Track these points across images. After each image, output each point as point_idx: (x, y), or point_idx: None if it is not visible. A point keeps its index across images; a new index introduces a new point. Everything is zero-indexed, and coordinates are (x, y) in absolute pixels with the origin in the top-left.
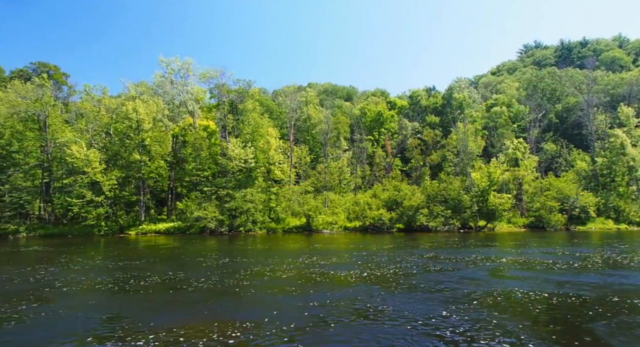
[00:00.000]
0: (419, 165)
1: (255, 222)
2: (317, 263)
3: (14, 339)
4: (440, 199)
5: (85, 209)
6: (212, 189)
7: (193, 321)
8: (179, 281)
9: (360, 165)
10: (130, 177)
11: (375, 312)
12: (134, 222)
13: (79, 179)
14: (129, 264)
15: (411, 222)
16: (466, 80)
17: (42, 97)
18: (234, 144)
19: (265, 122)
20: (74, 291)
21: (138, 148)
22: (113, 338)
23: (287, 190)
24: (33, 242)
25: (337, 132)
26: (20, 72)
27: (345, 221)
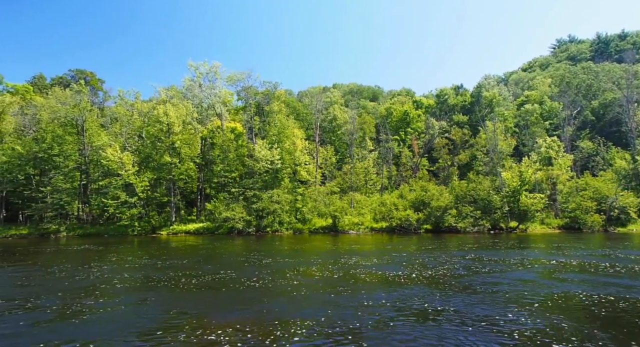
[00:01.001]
0: (447, 165)
1: (282, 223)
2: (360, 264)
3: (89, 332)
4: (469, 200)
5: (119, 209)
6: (240, 190)
7: (254, 319)
8: (231, 280)
9: (387, 165)
10: (162, 179)
11: (435, 313)
12: (165, 222)
13: (113, 181)
14: (175, 263)
15: (439, 223)
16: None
17: (79, 103)
18: (261, 145)
19: (291, 123)
20: (130, 287)
21: (169, 150)
22: (182, 333)
23: (313, 191)
24: (73, 241)
25: (363, 132)
26: (60, 80)
27: (372, 221)
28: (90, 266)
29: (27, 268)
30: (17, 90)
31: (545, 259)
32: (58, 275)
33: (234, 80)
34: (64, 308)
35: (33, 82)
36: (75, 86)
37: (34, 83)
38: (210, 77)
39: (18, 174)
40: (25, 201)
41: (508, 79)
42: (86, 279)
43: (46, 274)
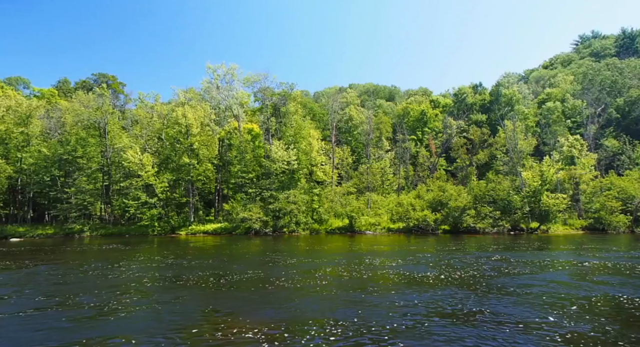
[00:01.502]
0: (465, 165)
1: (298, 223)
2: (385, 264)
3: (128, 328)
4: (488, 200)
5: (140, 210)
6: (257, 190)
7: (289, 318)
8: (259, 279)
9: (403, 165)
10: (180, 180)
11: (471, 314)
12: (184, 222)
13: (134, 182)
14: (201, 262)
15: (457, 224)
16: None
17: (102, 106)
18: (277, 146)
19: (307, 124)
20: (162, 286)
21: (187, 152)
22: (218, 332)
23: (330, 191)
24: (97, 241)
25: (379, 132)
26: (83, 83)
27: (389, 222)
28: (120, 265)
29: (60, 267)
30: (43, 94)
31: (575, 260)
32: (91, 273)
33: (251, 82)
34: (102, 305)
35: (58, 86)
36: (98, 90)
37: (59, 87)
38: (228, 79)
39: (44, 175)
40: (51, 202)
41: (528, 76)
42: (118, 278)
43: (80, 272)
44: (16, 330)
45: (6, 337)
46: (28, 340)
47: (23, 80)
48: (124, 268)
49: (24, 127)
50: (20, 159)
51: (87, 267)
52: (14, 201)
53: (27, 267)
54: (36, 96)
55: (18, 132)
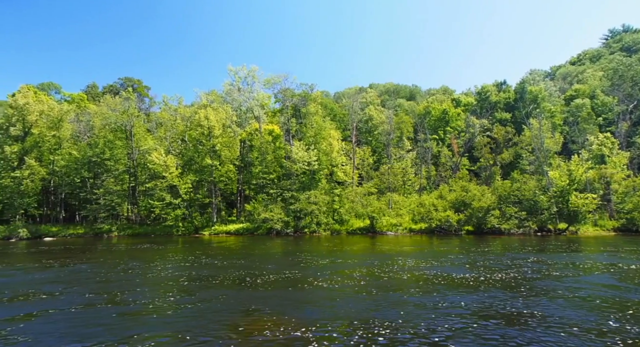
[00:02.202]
0: (489, 164)
1: (319, 224)
2: (420, 266)
3: (176, 325)
4: (513, 200)
5: (165, 210)
6: (278, 191)
7: (334, 318)
8: (296, 279)
9: (425, 165)
10: (203, 181)
11: (522, 317)
12: (207, 223)
13: (159, 183)
14: (233, 262)
15: (481, 225)
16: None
17: (128, 109)
18: (298, 147)
19: (328, 124)
20: (201, 285)
21: (209, 153)
22: (266, 330)
23: (350, 191)
24: (124, 240)
25: (400, 132)
26: (110, 88)
27: (410, 222)
28: (155, 264)
29: (101, 265)
30: (73, 99)
31: (618, 262)
32: (131, 272)
33: (271, 84)
34: (148, 303)
35: (87, 90)
36: (124, 93)
37: (88, 92)
38: (249, 81)
39: (75, 177)
40: (81, 202)
41: (555, 73)
42: (157, 276)
43: (120, 271)
44: (69, 326)
45: (62, 333)
46: (81, 335)
47: (55, 86)
48: (160, 267)
49: (56, 131)
50: (53, 161)
51: (125, 265)
52: (47, 202)
53: (68, 265)
54: (67, 101)
55: (50, 135)
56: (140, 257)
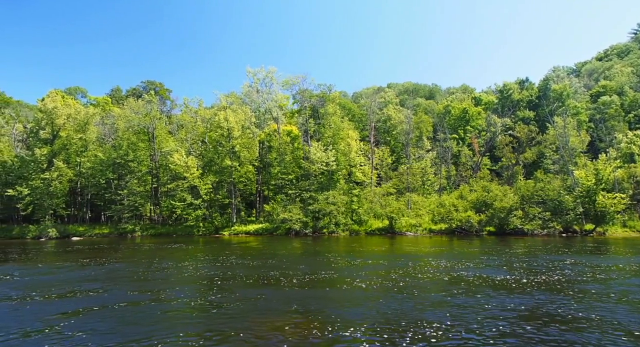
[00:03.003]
0: (511, 164)
1: (338, 224)
2: (455, 267)
3: (226, 323)
4: (536, 200)
5: (186, 211)
6: (296, 191)
7: (380, 318)
8: (333, 279)
9: (445, 165)
10: (223, 182)
11: (577, 321)
12: (227, 223)
13: (180, 184)
14: (265, 262)
15: (503, 225)
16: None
17: (150, 112)
18: (316, 147)
19: (346, 125)
20: (239, 284)
21: (229, 154)
22: (314, 329)
23: (369, 192)
24: (147, 240)
25: (419, 131)
26: (133, 91)
27: (430, 223)
28: (187, 263)
29: (135, 264)
30: (98, 102)
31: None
32: (166, 271)
33: (290, 85)
34: (190, 301)
35: (111, 94)
36: (147, 96)
37: (112, 95)
38: (267, 82)
39: (100, 178)
40: (106, 203)
41: (580, 70)
42: (193, 275)
43: (156, 269)
44: (118, 322)
45: (112, 329)
46: (131, 332)
47: (81, 90)
48: (192, 266)
49: (82, 134)
50: (79, 163)
51: (159, 265)
52: (75, 203)
53: (104, 264)
54: (92, 104)
55: (77, 138)
56: (171, 257)
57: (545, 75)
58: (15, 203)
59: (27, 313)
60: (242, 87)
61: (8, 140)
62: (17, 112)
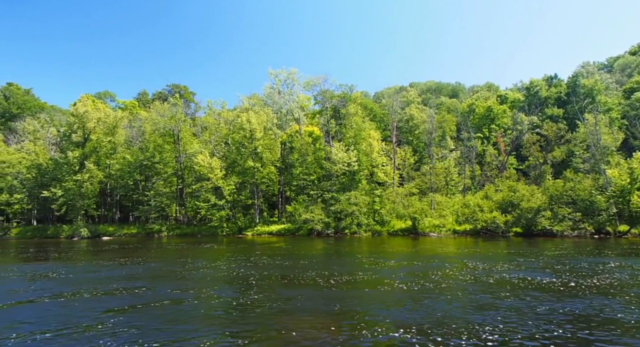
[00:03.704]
0: (538, 163)
1: (360, 225)
2: (495, 269)
3: (273, 322)
4: (566, 200)
5: (210, 211)
6: (318, 192)
7: (429, 319)
8: (372, 280)
9: (469, 165)
10: (246, 183)
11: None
12: (250, 223)
13: (204, 185)
14: (297, 263)
15: (531, 226)
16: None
17: (175, 115)
18: (337, 148)
19: (368, 125)
20: (276, 284)
21: (252, 155)
22: (363, 330)
23: (391, 192)
24: (173, 240)
25: (442, 131)
26: (159, 94)
27: (454, 224)
28: (221, 263)
29: (170, 263)
30: (126, 106)
31: None
32: (202, 270)
33: (311, 86)
34: (233, 299)
35: (138, 98)
36: (172, 100)
37: (139, 99)
38: (288, 83)
39: (128, 180)
40: (134, 204)
41: (612, 65)
42: (230, 275)
43: (191, 268)
44: (167, 319)
45: (161, 326)
46: (181, 329)
47: (110, 94)
48: (227, 266)
49: (111, 136)
50: (109, 165)
51: (193, 264)
52: (104, 203)
53: (140, 263)
54: (120, 108)
55: (107, 141)
56: (203, 257)
57: (574, 71)
58: (50, 204)
59: (80, 309)
60: (264, 88)
61: (43, 144)
62: (51, 117)
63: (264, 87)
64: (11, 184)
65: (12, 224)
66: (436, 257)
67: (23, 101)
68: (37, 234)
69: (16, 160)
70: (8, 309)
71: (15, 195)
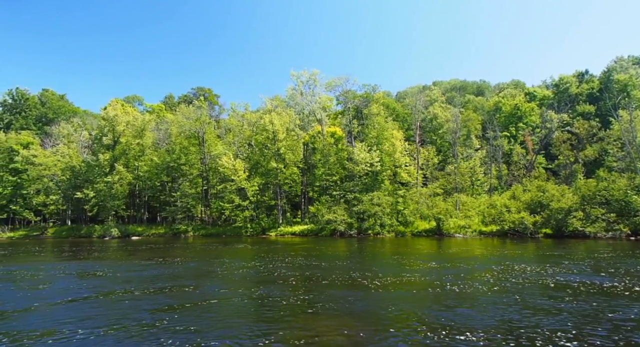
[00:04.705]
0: (569, 162)
1: (383, 226)
2: (545, 272)
3: (329, 324)
4: (599, 201)
5: (234, 212)
6: (341, 193)
7: (491, 323)
8: (418, 282)
9: (496, 164)
10: (269, 184)
11: None
12: (273, 224)
13: (228, 186)
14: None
15: (561, 227)
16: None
17: (200, 117)
18: (360, 148)
19: (390, 125)
20: (319, 285)
21: (274, 157)
22: (427, 332)
23: (415, 192)
24: (199, 240)
25: (467, 130)
26: (185, 97)
27: (480, 224)
28: (260, 263)
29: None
30: (153, 109)
31: None
32: (242, 271)
33: (333, 86)
34: (286, 300)
35: (165, 101)
36: (197, 102)
37: (166, 102)
38: (310, 84)
39: (155, 181)
40: (161, 204)
41: None
42: (273, 275)
43: (232, 268)
44: (224, 316)
45: (218, 324)
46: (235, 329)
47: (138, 98)
48: (263, 267)
49: (140, 139)
50: (137, 167)
51: (231, 264)
52: (133, 204)
53: (179, 263)
54: (148, 111)
55: (135, 143)
56: (239, 256)
57: (607, 67)
58: (82, 204)
59: (134, 307)
60: (286, 90)
61: (76, 147)
62: (84, 121)
63: (287, 88)
64: (47, 185)
65: (49, 224)
66: (474, 259)
67: (58, 106)
68: (72, 233)
69: (52, 163)
70: (65, 306)
71: (51, 196)
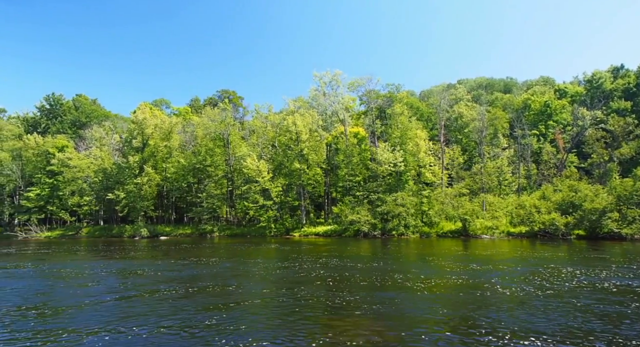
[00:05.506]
0: (603, 161)
1: (407, 226)
2: (591, 274)
3: (370, 324)
4: (636, 201)
5: (258, 212)
6: (364, 193)
7: (554, 328)
8: (470, 284)
9: (524, 163)
10: (292, 184)
11: None
12: (297, 224)
13: (252, 187)
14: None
15: (595, 229)
16: None
17: (225, 119)
18: (383, 148)
19: (414, 124)
20: (359, 286)
21: (298, 157)
22: (476, 334)
23: (440, 193)
24: (225, 240)
25: (494, 128)
26: (210, 100)
27: (508, 225)
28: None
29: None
30: (180, 112)
31: None
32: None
33: (355, 86)
34: (331, 300)
35: (191, 104)
36: (221, 105)
37: (192, 105)
38: (333, 85)
39: (182, 182)
40: (188, 205)
41: None
42: (311, 276)
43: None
44: (272, 315)
45: (266, 322)
46: (284, 328)
47: (165, 101)
48: (298, 267)
49: (167, 142)
50: (165, 168)
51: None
52: (161, 205)
53: (215, 264)
54: (175, 114)
55: (163, 145)
56: (272, 257)
57: None
58: (114, 205)
59: (182, 305)
60: (309, 91)
61: (108, 150)
62: (115, 124)
63: (309, 89)
64: (81, 187)
65: (83, 223)
66: (513, 260)
67: (90, 110)
68: (104, 233)
69: (85, 165)
70: (113, 304)
71: (84, 197)
